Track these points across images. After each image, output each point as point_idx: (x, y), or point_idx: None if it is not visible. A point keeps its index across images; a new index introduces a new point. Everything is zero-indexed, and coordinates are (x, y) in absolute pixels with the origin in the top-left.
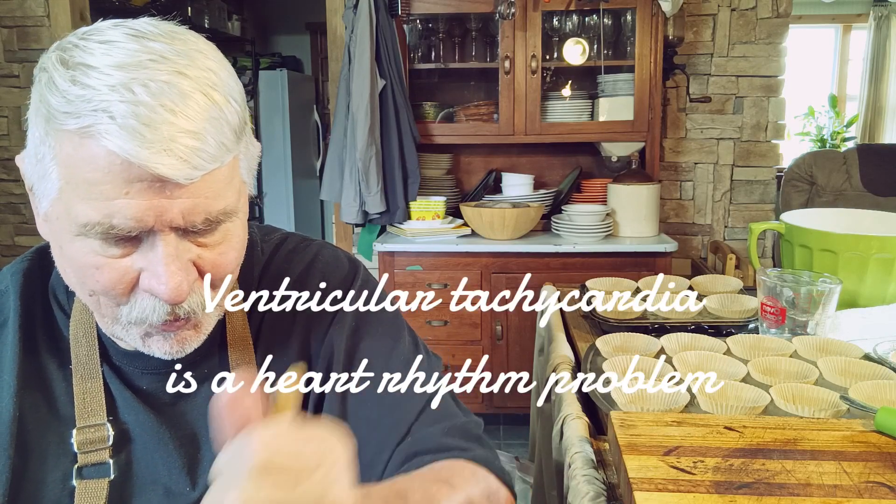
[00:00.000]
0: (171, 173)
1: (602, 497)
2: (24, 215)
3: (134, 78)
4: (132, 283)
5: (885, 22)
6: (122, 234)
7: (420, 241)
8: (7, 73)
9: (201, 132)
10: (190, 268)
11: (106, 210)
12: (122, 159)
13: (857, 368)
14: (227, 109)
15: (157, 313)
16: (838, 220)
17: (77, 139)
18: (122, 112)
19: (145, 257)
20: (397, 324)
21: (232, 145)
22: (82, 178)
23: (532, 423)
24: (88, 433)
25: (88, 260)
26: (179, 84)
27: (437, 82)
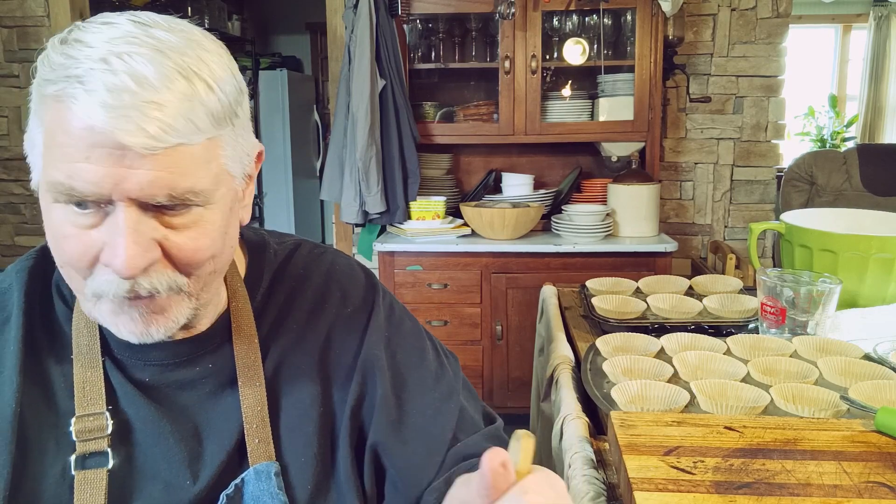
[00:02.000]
0: (128, 140)
1: (602, 497)
2: (24, 215)
3: (115, 51)
4: (94, 258)
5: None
6: (83, 199)
7: (420, 241)
8: (7, 73)
9: (166, 105)
10: (151, 246)
11: (69, 171)
12: (85, 124)
13: (857, 368)
14: (205, 93)
15: (115, 289)
16: (838, 220)
17: (53, 104)
18: (92, 79)
19: (108, 230)
20: (419, 331)
21: (206, 127)
22: (56, 141)
23: (532, 423)
24: (87, 422)
25: (60, 229)
26: (158, 61)
27: (437, 82)
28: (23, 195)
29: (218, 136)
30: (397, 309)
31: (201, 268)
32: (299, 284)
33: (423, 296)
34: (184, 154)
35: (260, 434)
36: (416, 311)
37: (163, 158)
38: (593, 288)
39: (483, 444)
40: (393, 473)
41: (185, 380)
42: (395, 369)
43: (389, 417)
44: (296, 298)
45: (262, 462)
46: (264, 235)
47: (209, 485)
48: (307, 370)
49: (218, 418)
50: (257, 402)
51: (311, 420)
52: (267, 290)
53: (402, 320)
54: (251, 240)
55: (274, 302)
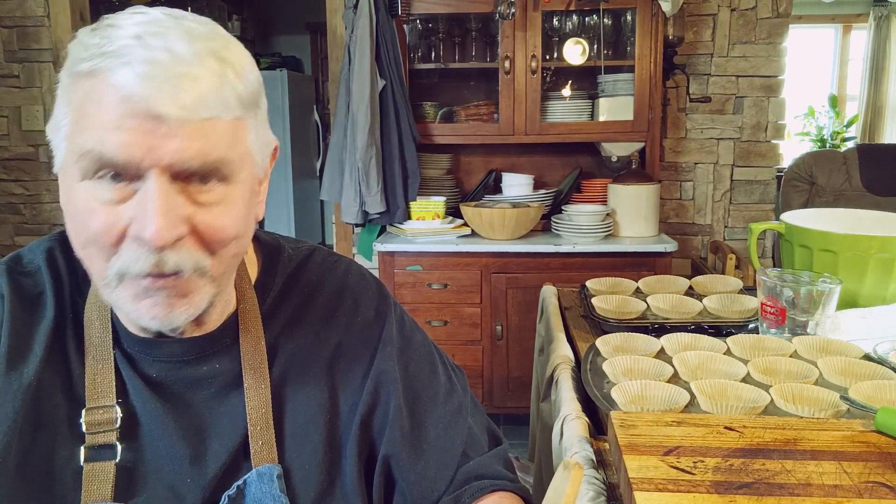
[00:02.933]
0: (166, 110)
1: (602, 497)
2: (24, 215)
3: (150, 31)
4: (121, 232)
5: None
6: (113, 168)
7: (420, 241)
8: (7, 73)
9: (200, 79)
10: (180, 221)
11: (99, 138)
12: (121, 94)
13: (857, 368)
14: (233, 78)
15: (141, 264)
16: (838, 220)
17: (86, 80)
18: (129, 53)
19: (137, 205)
20: (429, 345)
21: (235, 107)
22: (86, 114)
23: (532, 423)
24: (97, 414)
25: (85, 204)
26: (192, 43)
27: (437, 82)
28: (23, 195)
29: (244, 119)
30: (408, 322)
31: (226, 248)
32: (312, 291)
33: (423, 296)
34: (215, 127)
35: (263, 436)
36: (416, 311)
37: (195, 130)
38: (593, 288)
39: (494, 465)
40: (403, 485)
41: (193, 378)
42: (408, 382)
43: (403, 430)
44: (308, 304)
45: (264, 464)
46: (279, 239)
47: (211, 484)
48: (315, 377)
49: (223, 418)
50: (262, 404)
51: (317, 427)
52: (279, 294)
53: (413, 333)
54: (266, 242)
55: (286, 306)
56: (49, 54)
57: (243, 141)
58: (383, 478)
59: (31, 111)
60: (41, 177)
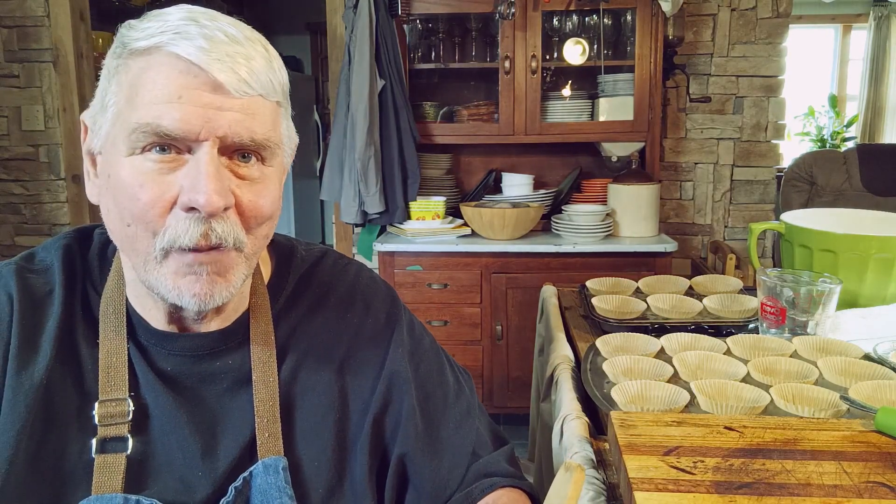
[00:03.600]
0: (225, 79)
1: (602, 497)
2: (24, 215)
3: (202, 14)
4: (171, 203)
5: (885, 22)
6: (169, 140)
7: (420, 241)
8: (7, 73)
9: (254, 59)
10: (228, 192)
11: (157, 111)
12: (185, 62)
13: (857, 368)
14: (276, 66)
15: (191, 233)
16: (838, 220)
17: (144, 57)
18: (188, 30)
19: (188, 175)
20: (437, 347)
21: (278, 91)
22: (143, 88)
23: (532, 423)
24: (110, 406)
25: (134, 178)
26: (241, 29)
27: (437, 82)
28: (23, 195)
29: (282, 106)
30: (417, 325)
31: (261, 226)
32: (324, 292)
33: (423, 296)
34: (264, 106)
35: (270, 429)
36: (416, 311)
37: (247, 104)
38: (593, 288)
39: (502, 463)
40: (418, 483)
41: (206, 373)
42: (419, 382)
43: (417, 429)
44: (320, 305)
45: (270, 456)
46: (293, 241)
47: (221, 478)
48: (327, 376)
49: (234, 414)
50: (269, 397)
51: (327, 424)
52: (292, 294)
53: (423, 336)
54: (280, 243)
55: (298, 306)
56: (49, 54)
57: (280, 126)
58: (397, 477)
59: (31, 111)
60: (41, 177)
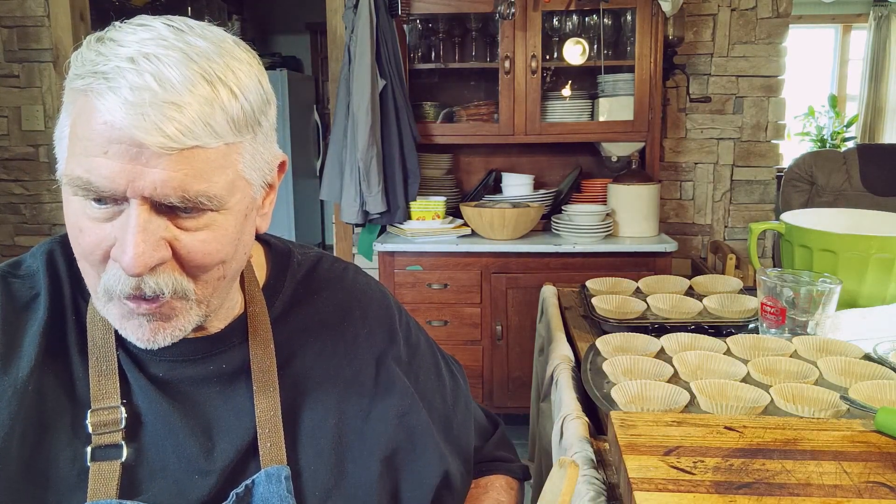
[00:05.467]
0: (145, 138)
1: (602, 497)
2: (24, 215)
3: (143, 52)
4: (107, 252)
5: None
6: (99, 195)
7: (420, 241)
8: (7, 73)
9: (185, 107)
10: (161, 245)
11: (87, 166)
12: (105, 119)
13: (857, 368)
14: (227, 99)
15: (122, 285)
16: (838, 220)
17: (81, 98)
18: (116, 76)
19: (120, 226)
20: (432, 348)
21: (224, 132)
22: (78, 134)
23: (532, 423)
24: (102, 415)
25: (77, 221)
26: (184, 65)
27: (437, 82)
28: (23, 195)
29: (237, 143)
30: (413, 328)
31: (209, 273)
32: (321, 298)
33: (423, 296)
34: (199, 157)
35: (272, 438)
36: (416, 311)
37: (178, 159)
38: (593, 288)
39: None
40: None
41: (198, 376)
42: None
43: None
44: (317, 311)
45: (273, 465)
46: (289, 245)
47: (218, 481)
48: (323, 382)
49: (229, 417)
50: (271, 406)
51: (325, 431)
52: (289, 299)
53: (418, 341)
54: (277, 247)
55: (295, 311)
56: (49, 54)
57: (234, 165)
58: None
59: (31, 111)
60: (41, 177)
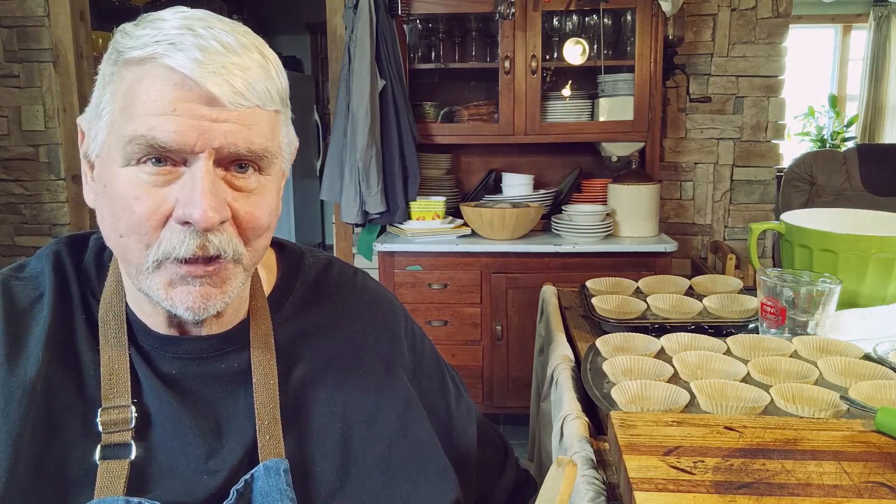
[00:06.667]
0: (220, 92)
1: (602, 497)
2: (24, 215)
3: (197, 21)
4: (165, 216)
5: (885, 22)
6: (162, 152)
7: (420, 241)
8: (7, 73)
9: (250, 69)
10: (224, 205)
11: (151, 123)
12: (179, 75)
13: (857, 368)
14: (273, 72)
15: (187, 245)
16: (838, 220)
17: (138, 67)
18: (182, 40)
19: (183, 188)
20: (436, 355)
21: (276, 99)
22: (137, 100)
23: (532, 423)
24: (113, 413)
25: (129, 190)
26: (236, 36)
27: (437, 82)
28: (23, 195)
29: (280, 113)
30: (418, 335)
31: (259, 238)
32: (330, 301)
33: (423, 296)
34: (259, 116)
35: (271, 431)
36: (416, 311)
37: (243, 115)
38: (593, 288)
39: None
40: None
41: (209, 375)
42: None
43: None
44: (326, 314)
45: (271, 459)
46: (302, 248)
47: (225, 480)
48: (330, 385)
49: (238, 416)
50: (269, 400)
51: (331, 433)
52: (299, 301)
53: (423, 348)
54: (290, 248)
55: (304, 313)
56: (49, 54)
57: (278, 134)
58: None
59: (31, 111)
60: (41, 177)
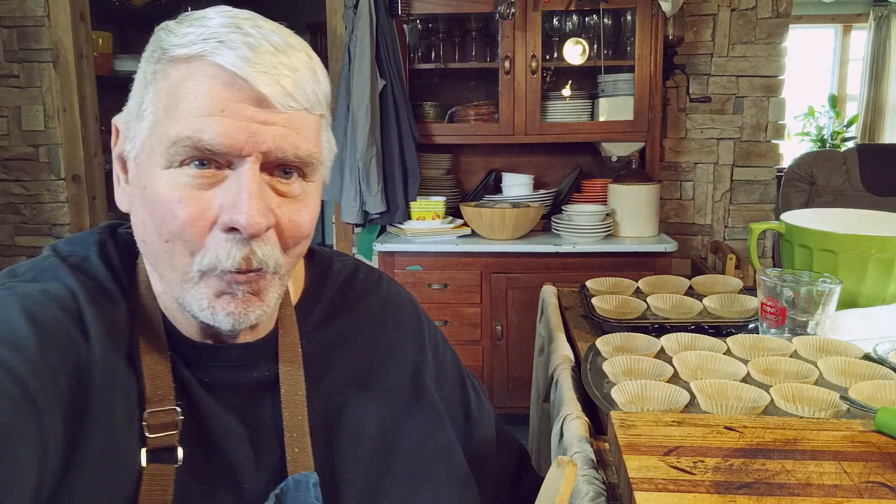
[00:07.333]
0: (270, 92)
1: (602, 497)
2: (24, 215)
3: (245, 20)
4: (210, 222)
5: (885, 22)
6: (209, 155)
7: (420, 241)
8: (7, 73)
9: (299, 70)
10: (269, 211)
11: (198, 125)
12: (228, 74)
13: (857, 368)
14: (320, 75)
15: (232, 258)
16: (838, 220)
17: (184, 65)
18: (231, 38)
19: (228, 192)
20: (456, 360)
21: (323, 103)
22: (183, 99)
23: (532, 423)
24: (160, 417)
25: (172, 194)
26: (285, 36)
27: (437, 82)
28: (23, 195)
29: (324, 117)
30: (440, 340)
31: (298, 245)
32: (358, 307)
33: (423, 296)
34: (307, 120)
35: (300, 443)
36: None
37: (291, 119)
38: (593, 288)
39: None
40: None
41: (239, 384)
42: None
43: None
44: (354, 321)
45: (301, 472)
46: (330, 253)
47: (260, 489)
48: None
49: (264, 426)
50: (298, 412)
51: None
52: (327, 308)
53: (445, 353)
54: (318, 254)
55: (333, 320)
56: (49, 54)
57: (320, 139)
58: None
59: (31, 111)
60: (41, 177)
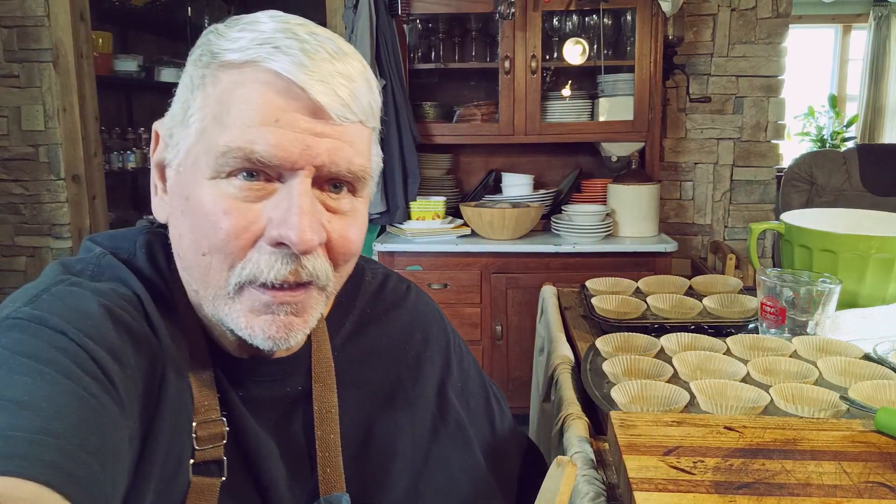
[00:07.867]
0: (327, 102)
1: (602, 497)
2: (24, 215)
3: (298, 26)
4: (256, 236)
5: (885, 22)
6: (260, 166)
7: (420, 241)
8: (7, 73)
9: (355, 80)
10: (321, 227)
11: (250, 136)
12: (284, 81)
13: (856, 368)
14: (374, 85)
15: (277, 270)
16: (838, 220)
17: (236, 70)
18: (287, 44)
19: (277, 206)
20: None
21: (376, 115)
22: (234, 106)
23: (532, 423)
24: (208, 428)
25: (217, 205)
26: (339, 44)
27: (437, 82)
28: (23, 195)
29: (375, 130)
30: (464, 352)
31: (347, 262)
32: (387, 318)
33: None
34: (361, 133)
35: (331, 463)
36: None
37: (346, 131)
38: (593, 288)
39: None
40: None
41: (278, 397)
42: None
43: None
44: (384, 332)
45: (333, 493)
46: (361, 262)
47: None
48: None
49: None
50: (331, 430)
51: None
52: (358, 319)
53: (469, 365)
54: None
55: (363, 332)
56: (49, 54)
57: (370, 153)
58: None
59: (31, 111)
60: (41, 177)
